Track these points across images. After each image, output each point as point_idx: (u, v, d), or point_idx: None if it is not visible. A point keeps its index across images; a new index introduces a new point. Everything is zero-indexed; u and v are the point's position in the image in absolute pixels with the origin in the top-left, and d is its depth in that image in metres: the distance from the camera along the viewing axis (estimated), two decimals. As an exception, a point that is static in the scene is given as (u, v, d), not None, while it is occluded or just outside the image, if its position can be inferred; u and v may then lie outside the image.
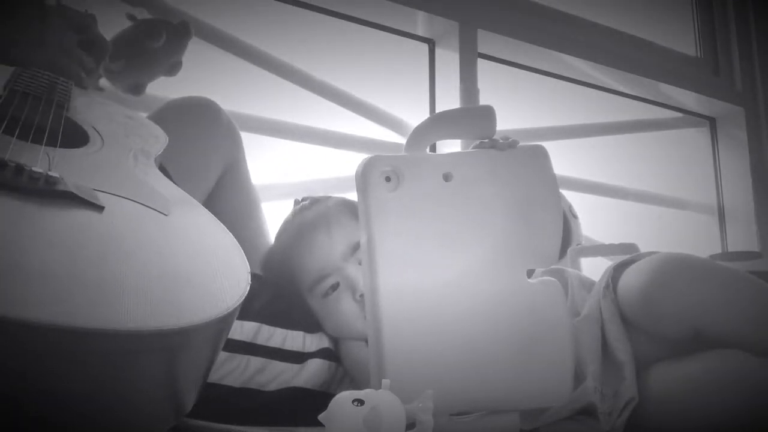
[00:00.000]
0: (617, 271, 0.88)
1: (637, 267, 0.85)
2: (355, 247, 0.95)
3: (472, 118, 0.76)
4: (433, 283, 0.68)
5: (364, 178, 0.68)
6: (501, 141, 0.74)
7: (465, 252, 0.69)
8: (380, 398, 0.55)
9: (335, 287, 0.95)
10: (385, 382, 0.58)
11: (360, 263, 0.93)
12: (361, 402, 0.54)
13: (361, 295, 0.92)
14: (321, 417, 0.55)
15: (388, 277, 0.66)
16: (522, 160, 0.73)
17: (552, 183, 0.73)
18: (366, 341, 0.96)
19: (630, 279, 0.85)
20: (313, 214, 1.01)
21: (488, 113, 0.75)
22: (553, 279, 0.71)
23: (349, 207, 1.02)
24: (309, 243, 0.97)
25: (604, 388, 0.83)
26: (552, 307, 0.71)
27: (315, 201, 1.05)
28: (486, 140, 0.75)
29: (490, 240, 0.70)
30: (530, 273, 0.72)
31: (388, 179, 0.68)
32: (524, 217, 0.71)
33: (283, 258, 1.01)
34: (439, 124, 0.78)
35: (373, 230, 0.66)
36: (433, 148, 1.57)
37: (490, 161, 0.73)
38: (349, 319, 0.95)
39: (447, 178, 0.70)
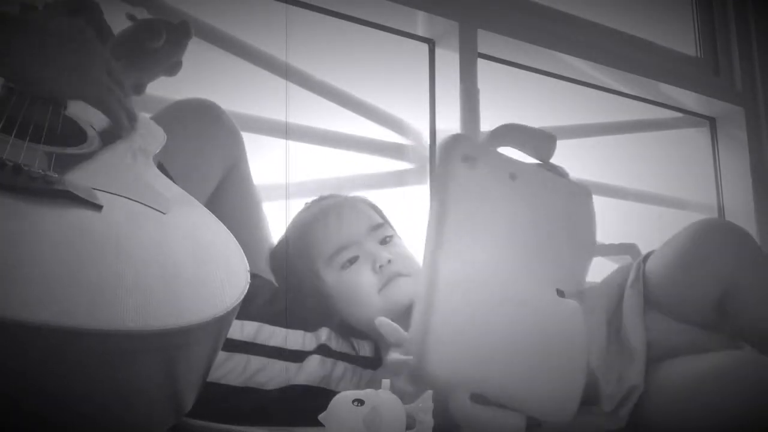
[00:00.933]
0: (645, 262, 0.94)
1: (675, 236, 0.91)
2: (374, 228, 1.02)
3: (543, 140, 0.83)
4: (482, 264, 0.72)
5: (447, 150, 0.72)
6: (558, 167, 0.81)
7: (513, 248, 0.74)
8: (380, 398, 0.55)
9: (353, 260, 1.00)
10: (385, 382, 0.58)
11: (380, 242, 1.01)
12: (361, 402, 0.54)
13: (381, 266, 0.97)
14: (321, 417, 0.55)
15: (451, 239, 0.70)
16: (571, 190, 0.79)
17: (592, 222, 0.79)
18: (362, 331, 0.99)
19: (667, 246, 0.91)
20: (334, 200, 1.08)
21: (553, 140, 0.83)
22: (576, 303, 0.75)
23: (366, 200, 1.10)
24: (336, 215, 1.03)
25: (607, 372, 0.86)
26: (572, 329, 0.74)
27: (331, 195, 1.12)
28: (543, 162, 0.81)
29: (535, 247, 0.74)
30: (560, 292, 0.76)
31: (465, 159, 0.72)
32: (565, 241, 0.77)
33: (302, 233, 1.06)
34: (518, 132, 0.84)
35: (448, 197, 0.71)
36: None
37: (545, 179, 0.78)
38: (364, 291, 0.98)
39: (513, 177, 0.75)
